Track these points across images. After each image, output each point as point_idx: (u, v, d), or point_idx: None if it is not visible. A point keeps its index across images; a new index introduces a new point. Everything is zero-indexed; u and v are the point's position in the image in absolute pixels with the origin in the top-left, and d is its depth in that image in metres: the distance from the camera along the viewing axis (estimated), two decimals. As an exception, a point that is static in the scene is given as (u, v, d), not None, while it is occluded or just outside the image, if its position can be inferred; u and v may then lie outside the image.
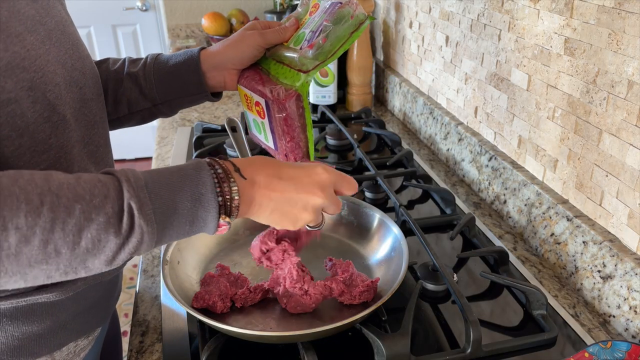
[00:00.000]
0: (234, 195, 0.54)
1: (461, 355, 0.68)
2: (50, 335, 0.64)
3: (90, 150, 0.65)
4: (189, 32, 2.40)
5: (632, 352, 0.64)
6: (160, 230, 0.51)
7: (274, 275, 0.74)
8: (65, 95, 0.59)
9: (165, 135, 1.43)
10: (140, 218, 0.49)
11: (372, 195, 1.07)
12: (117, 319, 0.94)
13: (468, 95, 1.16)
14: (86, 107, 0.64)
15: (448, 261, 0.89)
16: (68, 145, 0.59)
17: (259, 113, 0.75)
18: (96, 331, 0.73)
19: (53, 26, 0.60)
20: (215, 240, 0.86)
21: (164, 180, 0.52)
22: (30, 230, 0.44)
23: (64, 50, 0.61)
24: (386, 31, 1.62)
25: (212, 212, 0.53)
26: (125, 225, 0.48)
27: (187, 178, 0.52)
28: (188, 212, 0.52)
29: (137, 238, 0.49)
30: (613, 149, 0.76)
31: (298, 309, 0.71)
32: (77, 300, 0.65)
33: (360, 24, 0.70)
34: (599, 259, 0.78)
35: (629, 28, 0.70)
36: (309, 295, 0.70)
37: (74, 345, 0.68)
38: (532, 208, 0.93)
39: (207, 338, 0.69)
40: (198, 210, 0.52)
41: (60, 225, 0.46)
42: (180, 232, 0.53)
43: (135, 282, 2.48)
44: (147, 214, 0.49)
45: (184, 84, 0.79)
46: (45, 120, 0.56)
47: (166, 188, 0.51)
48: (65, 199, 0.46)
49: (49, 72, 0.56)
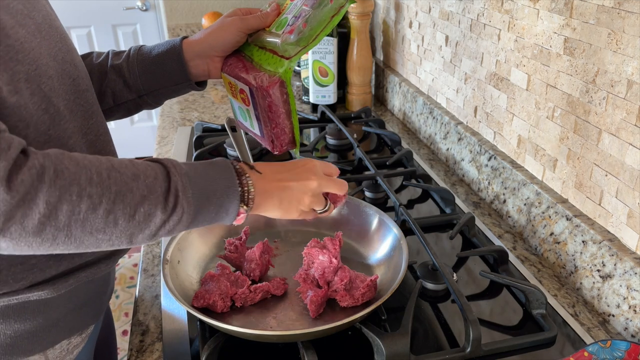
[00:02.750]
0: (250, 188, 0.61)
1: (461, 354, 0.69)
2: (43, 333, 0.64)
3: (90, 140, 0.65)
4: (189, 32, 2.40)
5: (631, 351, 0.64)
6: (194, 213, 0.57)
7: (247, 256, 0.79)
8: (59, 87, 0.60)
9: (165, 134, 1.43)
10: (184, 199, 0.55)
11: (372, 195, 1.07)
12: (110, 317, 0.94)
13: (468, 95, 1.16)
14: (81, 98, 0.65)
15: (448, 260, 0.89)
16: (65, 137, 0.60)
17: (244, 100, 0.74)
18: (89, 328, 0.73)
19: (41, 20, 0.60)
20: (215, 239, 0.86)
21: (200, 171, 0.59)
22: (98, 199, 0.50)
23: (54, 43, 0.61)
24: (386, 31, 1.62)
25: (234, 201, 0.60)
26: (171, 203, 0.55)
27: (219, 171, 0.60)
28: (217, 201, 0.59)
29: (177, 216, 0.55)
30: (612, 149, 0.76)
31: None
32: (70, 298, 0.66)
33: (340, 8, 0.70)
34: (599, 258, 0.78)
35: (628, 28, 0.70)
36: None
37: (67, 342, 0.68)
38: (531, 207, 0.94)
39: (207, 337, 0.70)
40: (224, 202, 0.59)
41: (122, 197, 0.51)
42: (207, 219, 0.59)
43: (135, 282, 2.49)
44: (188, 197, 0.56)
45: (168, 73, 0.79)
46: (43, 111, 0.57)
47: (202, 177, 0.58)
48: (126, 176, 0.53)
49: (42, 65, 0.57)
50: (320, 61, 1.49)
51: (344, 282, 0.72)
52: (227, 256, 0.80)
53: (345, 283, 0.72)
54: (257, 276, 0.78)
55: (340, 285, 0.72)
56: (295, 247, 0.87)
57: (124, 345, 2.06)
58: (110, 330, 0.94)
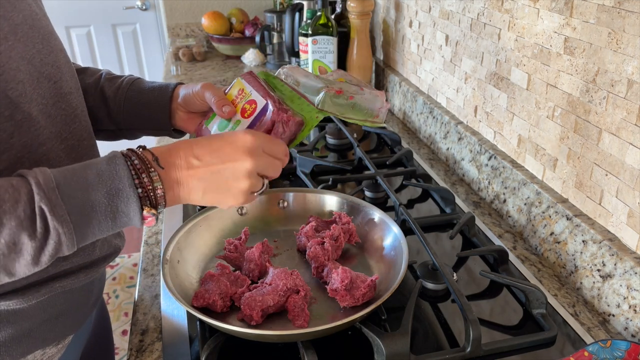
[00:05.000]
0: (156, 185, 0.54)
1: (461, 354, 0.68)
2: (13, 343, 0.61)
3: (70, 145, 0.63)
4: (189, 32, 2.40)
5: (631, 351, 0.64)
6: (79, 229, 0.50)
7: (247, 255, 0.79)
8: (32, 92, 0.57)
9: (165, 134, 1.43)
10: (54, 220, 0.48)
11: (372, 195, 1.07)
12: (107, 320, 0.92)
13: (468, 95, 1.16)
14: (63, 101, 0.62)
15: (448, 260, 0.89)
16: (35, 144, 0.57)
17: (245, 111, 0.72)
18: (67, 339, 0.70)
19: (20, 20, 0.57)
20: (215, 239, 0.86)
21: (77, 179, 0.51)
22: None
23: (32, 45, 0.58)
24: (386, 30, 1.62)
25: (132, 205, 0.52)
26: (40, 228, 0.48)
27: (101, 174, 0.52)
28: (106, 209, 0.51)
29: (54, 240, 0.49)
30: (613, 148, 0.76)
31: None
32: (43, 308, 0.63)
33: (373, 121, 0.70)
34: (599, 258, 0.78)
35: (628, 27, 0.70)
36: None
37: (41, 353, 0.66)
38: (531, 207, 0.93)
39: (207, 337, 0.70)
40: (118, 205, 0.52)
41: None
42: (103, 228, 0.52)
43: (135, 281, 2.49)
44: (61, 216, 0.49)
45: (151, 119, 0.79)
46: (6, 119, 0.54)
47: (80, 187, 0.50)
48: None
49: (10, 69, 0.54)
50: (320, 60, 1.49)
51: (345, 282, 0.72)
52: (227, 256, 0.80)
53: (346, 283, 0.72)
54: (256, 276, 0.78)
55: (341, 286, 0.71)
56: (295, 247, 0.86)
57: (124, 345, 2.06)
58: (106, 333, 0.91)
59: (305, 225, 0.86)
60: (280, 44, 2.00)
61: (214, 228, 0.86)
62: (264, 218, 0.91)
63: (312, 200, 0.93)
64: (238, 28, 2.20)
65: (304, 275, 0.78)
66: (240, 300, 0.71)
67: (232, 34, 2.18)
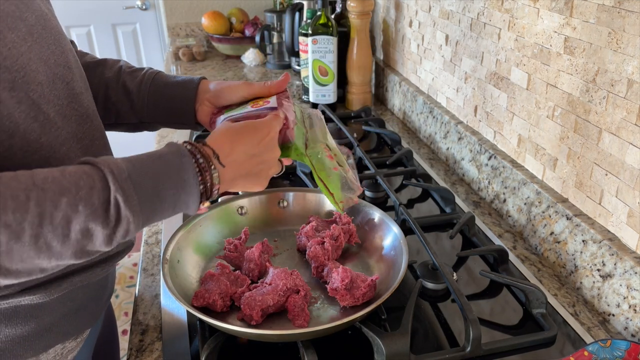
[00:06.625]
0: (215, 182, 0.58)
1: (461, 353, 0.68)
2: (36, 337, 0.62)
3: (85, 145, 0.63)
4: (189, 31, 2.40)
5: (631, 350, 0.64)
6: (145, 217, 0.53)
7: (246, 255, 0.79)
8: (49, 94, 0.57)
9: (165, 134, 1.43)
10: (127, 209, 0.51)
11: (372, 194, 1.07)
12: (113, 318, 0.93)
13: (468, 94, 1.16)
14: (76, 102, 0.63)
15: (448, 260, 0.89)
16: (56, 144, 0.58)
17: (256, 103, 0.73)
18: (85, 332, 0.71)
19: (34, 22, 0.58)
20: (215, 239, 0.86)
21: (147, 170, 0.53)
22: (19, 227, 0.45)
23: (46, 47, 0.59)
24: (386, 30, 1.62)
25: (194, 197, 0.56)
26: (113, 216, 0.50)
27: (170, 166, 0.55)
28: (171, 198, 0.55)
29: (124, 227, 0.51)
30: (613, 148, 0.76)
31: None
32: (64, 302, 0.64)
33: (336, 200, 0.71)
34: (599, 257, 0.78)
35: (628, 27, 0.70)
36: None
37: (61, 347, 0.67)
38: (531, 207, 0.93)
39: (207, 336, 0.70)
40: (181, 196, 0.55)
41: (48, 218, 0.46)
42: (164, 216, 0.56)
43: (135, 281, 2.49)
44: (134, 206, 0.51)
45: (176, 114, 0.79)
46: (33, 119, 0.54)
47: (150, 178, 0.53)
48: (51, 192, 0.47)
49: (31, 71, 0.55)
50: (320, 60, 1.49)
51: (345, 282, 0.72)
52: (227, 256, 0.80)
53: (346, 283, 0.72)
54: (255, 276, 0.78)
55: (342, 285, 0.72)
56: (295, 247, 0.86)
57: (124, 345, 2.06)
58: (112, 331, 0.93)
59: (305, 225, 0.86)
60: (280, 43, 2.00)
61: (214, 228, 0.86)
62: (264, 218, 0.92)
63: (312, 200, 0.93)
64: (238, 28, 2.20)
65: (304, 275, 0.78)
66: (240, 300, 0.71)
67: (232, 34, 2.18)
